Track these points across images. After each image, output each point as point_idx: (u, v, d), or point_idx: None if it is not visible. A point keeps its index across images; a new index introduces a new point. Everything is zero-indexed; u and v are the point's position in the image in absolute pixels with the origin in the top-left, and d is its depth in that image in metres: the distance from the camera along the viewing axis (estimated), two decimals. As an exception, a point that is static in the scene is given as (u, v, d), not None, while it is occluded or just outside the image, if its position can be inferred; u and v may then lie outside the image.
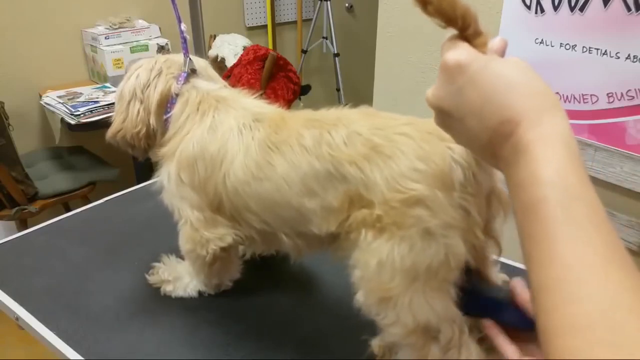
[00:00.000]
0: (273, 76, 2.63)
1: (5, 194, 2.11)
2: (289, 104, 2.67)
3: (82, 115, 2.24)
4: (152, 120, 0.89)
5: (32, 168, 2.34)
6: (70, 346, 0.87)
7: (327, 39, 3.36)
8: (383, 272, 0.68)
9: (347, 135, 0.72)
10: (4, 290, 1.01)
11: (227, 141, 0.81)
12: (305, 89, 2.84)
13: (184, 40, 0.92)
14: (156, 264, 1.00)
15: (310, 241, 0.81)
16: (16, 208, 2.14)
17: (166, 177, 0.87)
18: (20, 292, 0.99)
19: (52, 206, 2.25)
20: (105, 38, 2.60)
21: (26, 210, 2.16)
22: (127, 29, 2.67)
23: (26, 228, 1.33)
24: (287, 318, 0.94)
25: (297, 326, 0.91)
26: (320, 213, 0.74)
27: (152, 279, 0.98)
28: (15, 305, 0.97)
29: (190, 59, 0.91)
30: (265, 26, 3.25)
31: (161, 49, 2.70)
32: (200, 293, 0.97)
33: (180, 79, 0.89)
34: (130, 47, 2.62)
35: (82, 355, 0.85)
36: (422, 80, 1.70)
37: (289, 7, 3.35)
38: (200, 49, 1.51)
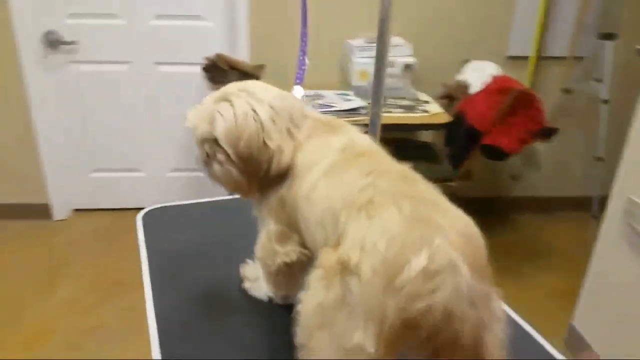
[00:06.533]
0: (513, 112, 2.44)
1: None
2: (521, 143, 2.45)
3: (314, 116, 2.43)
4: None
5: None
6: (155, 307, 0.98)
7: (600, 82, 2.95)
8: None
9: (366, 184, 0.69)
10: (147, 245, 1.18)
11: (313, 161, 0.82)
12: (548, 132, 2.56)
13: (302, 71, 0.97)
14: (249, 261, 1.06)
15: None
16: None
17: None
18: (156, 251, 1.15)
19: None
20: (360, 50, 2.77)
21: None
22: (382, 44, 2.78)
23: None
24: None
25: None
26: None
27: (241, 271, 1.05)
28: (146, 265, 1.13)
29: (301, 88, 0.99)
30: (528, 57, 3.02)
31: (406, 67, 2.74)
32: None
33: None
34: (378, 61, 2.73)
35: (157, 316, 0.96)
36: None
37: (560, 40, 3.03)
38: (382, 62, 1.48)
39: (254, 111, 0.80)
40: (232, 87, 0.85)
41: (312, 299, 0.65)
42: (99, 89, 3.00)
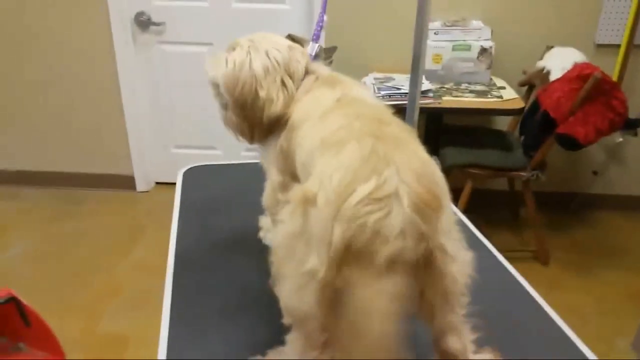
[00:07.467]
0: (591, 100, 2.29)
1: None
2: (599, 134, 2.29)
3: (380, 98, 2.42)
4: None
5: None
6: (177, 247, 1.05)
7: (702, 73, 2.70)
8: None
9: (341, 125, 0.71)
10: (182, 194, 1.26)
11: (309, 112, 0.83)
12: (632, 124, 2.38)
13: (320, 28, 0.98)
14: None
15: None
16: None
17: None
18: (188, 199, 1.22)
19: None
20: (435, 33, 2.71)
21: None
22: (458, 28, 2.72)
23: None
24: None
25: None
26: None
27: (259, 221, 1.10)
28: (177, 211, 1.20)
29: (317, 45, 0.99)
30: (619, 46, 2.82)
31: (483, 51, 2.65)
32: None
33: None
34: (453, 45, 2.67)
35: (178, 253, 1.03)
36: None
37: (656, 27, 2.79)
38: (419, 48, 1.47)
39: (250, 60, 0.84)
40: (245, 37, 0.89)
41: (281, 230, 0.67)
42: (182, 69, 3.17)
